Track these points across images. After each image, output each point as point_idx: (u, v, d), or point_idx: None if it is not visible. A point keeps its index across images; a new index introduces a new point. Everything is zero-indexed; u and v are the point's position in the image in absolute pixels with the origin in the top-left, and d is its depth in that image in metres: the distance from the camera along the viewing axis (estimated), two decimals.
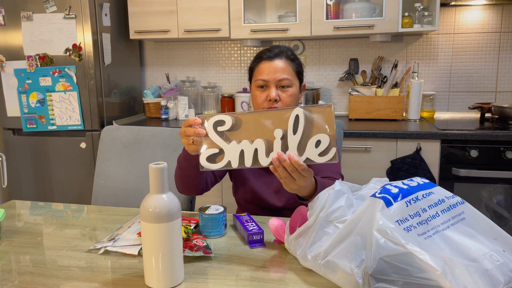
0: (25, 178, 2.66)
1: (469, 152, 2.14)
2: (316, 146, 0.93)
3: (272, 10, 2.80)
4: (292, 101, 1.35)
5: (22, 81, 2.54)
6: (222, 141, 1.00)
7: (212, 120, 1.01)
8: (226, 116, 1.00)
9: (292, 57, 1.37)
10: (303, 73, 1.43)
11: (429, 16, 2.46)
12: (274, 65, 1.33)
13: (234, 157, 1.00)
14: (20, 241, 1.16)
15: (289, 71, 1.34)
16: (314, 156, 0.94)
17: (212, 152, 1.01)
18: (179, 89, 2.98)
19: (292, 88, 1.35)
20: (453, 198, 0.87)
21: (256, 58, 1.39)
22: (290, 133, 0.95)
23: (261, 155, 0.97)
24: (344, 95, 2.87)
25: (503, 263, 0.78)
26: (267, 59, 1.35)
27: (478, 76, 2.71)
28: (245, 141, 0.98)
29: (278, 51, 1.36)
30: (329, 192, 0.97)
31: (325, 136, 0.92)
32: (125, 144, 1.72)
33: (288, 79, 1.33)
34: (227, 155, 1.00)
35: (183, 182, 1.31)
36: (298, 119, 0.94)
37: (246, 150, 0.98)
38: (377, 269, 0.76)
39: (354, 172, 2.27)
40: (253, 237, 1.10)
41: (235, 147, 0.99)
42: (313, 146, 0.94)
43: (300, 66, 1.40)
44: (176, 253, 0.89)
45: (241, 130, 1.00)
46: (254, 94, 1.37)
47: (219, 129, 1.00)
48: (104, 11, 2.55)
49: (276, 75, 1.32)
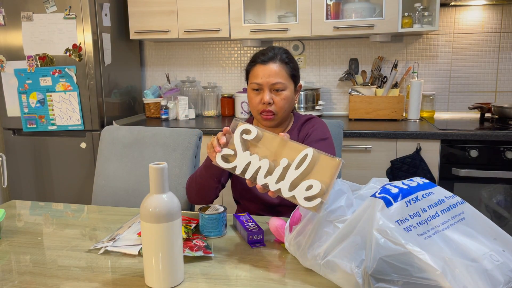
0: (25, 178, 2.66)
1: (469, 152, 2.14)
2: (306, 190, 0.94)
3: (272, 10, 2.80)
4: (285, 103, 1.38)
5: (22, 81, 2.54)
6: (240, 147, 1.04)
7: (243, 126, 1.05)
8: (254, 128, 1.04)
9: (287, 60, 1.39)
10: (299, 74, 1.45)
11: (429, 16, 2.46)
12: (268, 69, 1.35)
13: (241, 164, 1.04)
14: (20, 241, 1.16)
15: (283, 74, 1.36)
16: (300, 197, 0.95)
17: (228, 152, 1.05)
18: (179, 89, 2.98)
19: (285, 92, 1.37)
20: (453, 198, 0.87)
21: (251, 61, 1.41)
22: (292, 167, 0.97)
23: (261, 174, 1.01)
24: (344, 95, 2.87)
25: (503, 263, 0.78)
26: (261, 63, 1.37)
27: (478, 76, 2.71)
28: (256, 156, 1.02)
29: (272, 55, 1.37)
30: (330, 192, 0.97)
31: (318, 184, 0.93)
32: (125, 144, 1.72)
33: (281, 83, 1.35)
34: (237, 160, 1.04)
35: (199, 193, 1.37)
36: (306, 158, 0.96)
37: (252, 163, 1.02)
38: (377, 269, 0.76)
39: (354, 172, 2.27)
40: (253, 237, 1.10)
41: (246, 157, 1.03)
42: (303, 188, 0.94)
43: (294, 69, 1.41)
44: (176, 253, 0.89)
45: (259, 144, 1.04)
46: (250, 96, 1.40)
47: (244, 136, 1.05)
48: (104, 11, 2.55)
49: (269, 79, 1.35)
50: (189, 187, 1.41)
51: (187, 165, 1.65)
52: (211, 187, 1.36)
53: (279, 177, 0.98)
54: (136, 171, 1.69)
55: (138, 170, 1.69)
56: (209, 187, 1.36)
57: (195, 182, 1.38)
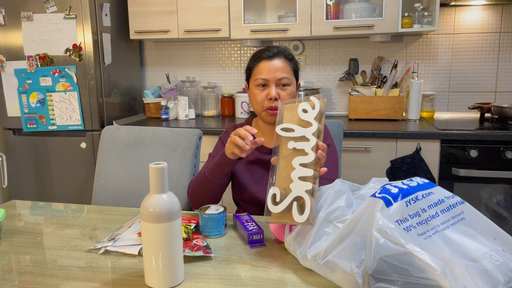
0: (25, 178, 2.66)
1: (468, 152, 2.14)
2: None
3: (272, 10, 2.80)
4: (290, 98, 1.38)
5: (22, 81, 2.54)
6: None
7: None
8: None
9: (290, 57, 1.41)
10: (299, 72, 1.47)
11: (429, 16, 2.46)
12: (274, 65, 1.36)
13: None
14: (20, 241, 1.16)
15: (288, 70, 1.38)
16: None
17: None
18: (179, 89, 2.98)
19: (290, 87, 1.38)
20: (453, 198, 0.87)
21: (255, 57, 1.41)
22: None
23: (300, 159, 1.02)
24: (344, 95, 2.87)
25: (503, 263, 0.78)
26: (267, 59, 1.37)
27: (478, 76, 2.71)
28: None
29: (277, 51, 1.39)
30: (329, 191, 0.97)
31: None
32: (125, 144, 1.72)
33: (287, 77, 1.37)
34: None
35: (210, 194, 1.35)
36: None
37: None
38: (377, 269, 0.76)
39: (354, 172, 2.27)
40: (253, 237, 1.10)
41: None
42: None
43: (296, 66, 1.43)
44: (176, 253, 0.89)
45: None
46: (254, 93, 1.39)
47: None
48: (104, 11, 2.55)
49: (276, 74, 1.35)
50: (195, 190, 1.37)
51: (187, 165, 1.65)
52: (223, 184, 1.35)
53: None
54: (136, 171, 1.69)
55: (138, 170, 1.69)
56: (221, 184, 1.35)
57: (204, 184, 1.34)
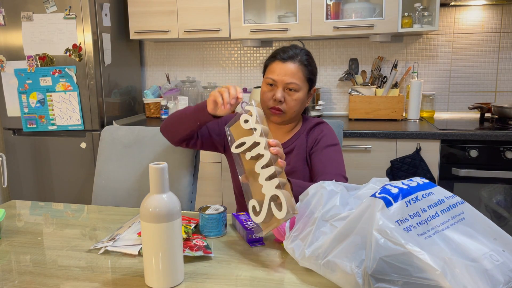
0: (25, 178, 2.66)
1: (468, 152, 2.14)
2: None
3: (272, 10, 2.80)
4: (296, 105, 1.37)
5: (22, 81, 2.54)
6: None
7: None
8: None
9: (306, 62, 1.38)
10: (316, 78, 1.44)
11: (429, 16, 2.46)
12: (285, 68, 1.35)
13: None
14: (20, 241, 1.16)
15: (299, 76, 1.36)
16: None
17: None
18: (179, 89, 2.98)
19: (298, 93, 1.37)
20: (453, 198, 0.87)
21: (272, 56, 1.41)
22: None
23: (260, 163, 1.02)
24: (344, 95, 2.87)
25: (503, 263, 0.78)
26: (280, 60, 1.37)
27: (478, 76, 2.71)
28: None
29: (293, 54, 1.37)
30: (321, 192, 0.97)
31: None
32: (125, 144, 1.72)
33: (295, 83, 1.35)
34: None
35: (174, 124, 1.38)
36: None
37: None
38: (377, 269, 0.76)
39: (354, 172, 2.27)
40: (252, 236, 1.10)
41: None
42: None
43: (312, 73, 1.40)
44: (176, 253, 0.89)
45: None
46: (263, 90, 1.40)
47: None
48: (104, 11, 2.55)
49: (285, 78, 1.35)
50: (169, 117, 1.42)
51: (187, 165, 1.65)
52: (188, 127, 1.35)
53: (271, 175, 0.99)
54: (136, 171, 1.69)
55: (138, 170, 1.69)
56: (186, 126, 1.35)
57: (178, 114, 1.38)
